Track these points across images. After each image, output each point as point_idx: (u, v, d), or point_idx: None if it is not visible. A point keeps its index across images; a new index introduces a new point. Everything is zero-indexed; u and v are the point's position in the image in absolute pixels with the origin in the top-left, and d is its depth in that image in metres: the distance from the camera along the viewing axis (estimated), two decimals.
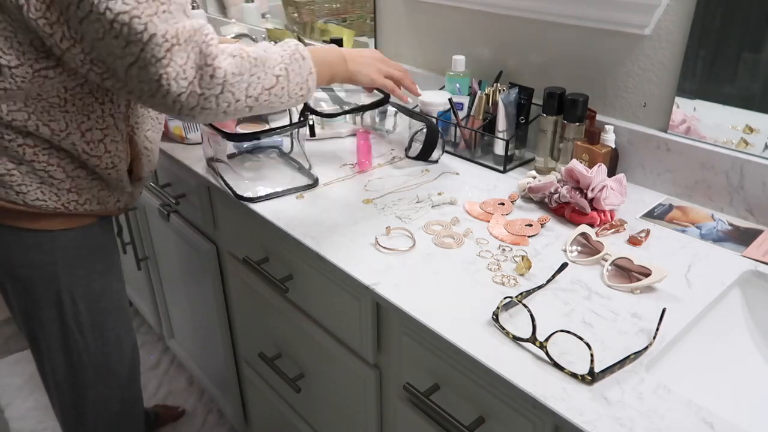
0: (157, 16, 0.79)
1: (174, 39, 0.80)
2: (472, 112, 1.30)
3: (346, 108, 1.25)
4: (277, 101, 0.93)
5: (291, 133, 1.21)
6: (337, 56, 1.03)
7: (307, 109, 1.13)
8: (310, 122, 1.16)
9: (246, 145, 1.26)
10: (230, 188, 1.15)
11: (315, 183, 1.17)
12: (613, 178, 1.03)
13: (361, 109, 1.20)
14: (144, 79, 0.81)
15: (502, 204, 1.09)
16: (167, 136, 1.39)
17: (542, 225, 1.02)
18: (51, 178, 0.99)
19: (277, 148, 1.30)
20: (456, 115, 1.29)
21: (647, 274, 0.85)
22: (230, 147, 1.24)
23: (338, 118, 1.40)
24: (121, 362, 1.22)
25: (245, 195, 1.12)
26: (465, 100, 1.31)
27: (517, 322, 0.79)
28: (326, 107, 1.23)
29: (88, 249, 1.10)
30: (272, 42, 0.91)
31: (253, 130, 1.14)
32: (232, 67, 0.86)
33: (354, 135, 1.41)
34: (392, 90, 1.09)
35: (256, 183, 1.16)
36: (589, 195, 1.00)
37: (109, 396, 1.23)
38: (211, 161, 1.25)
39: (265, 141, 1.27)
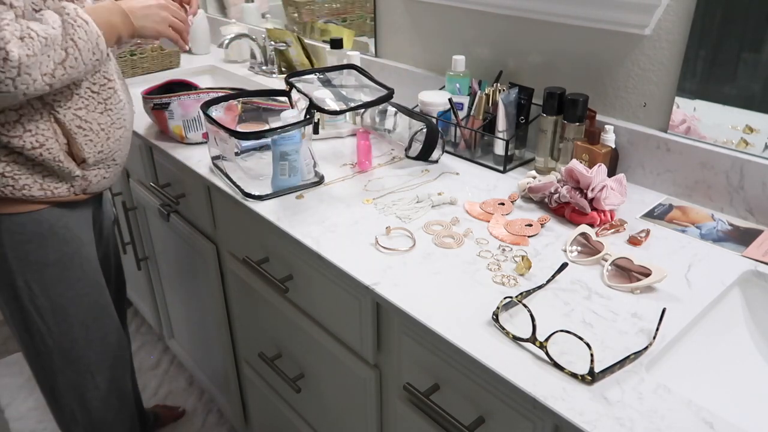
0: None
1: None
2: (472, 112, 1.30)
3: (351, 105, 1.24)
4: (75, 72, 0.97)
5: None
6: (119, 15, 1.05)
7: (312, 107, 1.13)
8: (316, 120, 1.16)
9: (249, 144, 1.26)
10: (238, 187, 1.14)
11: (321, 180, 1.18)
12: (613, 178, 1.03)
13: (366, 105, 1.20)
14: None
15: (502, 204, 1.09)
16: (167, 135, 1.39)
17: (542, 225, 1.02)
18: None
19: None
20: (456, 115, 1.29)
21: (647, 274, 0.85)
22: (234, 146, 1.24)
23: (339, 117, 1.40)
24: (89, 349, 1.21)
25: (253, 193, 1.12)
26: (465, 100, 1.31)
27: (517, 322, 0.79)
28: (331, 104, 1.22)
29: (39, 236, 1.09)
30: (60, 16, 0.96)
31: (256, 129, 1.13)
32: (24, 49, 0.88)
33: (354, 135, 1.41)
34: (176, 40, 1.15)
35: (263, 181, 1.16)
36: (589, 195, 1.00)
37: (82, 383, 1.22)
38: (216, 160, 1.24)
39: (266, 140, 1.27)
